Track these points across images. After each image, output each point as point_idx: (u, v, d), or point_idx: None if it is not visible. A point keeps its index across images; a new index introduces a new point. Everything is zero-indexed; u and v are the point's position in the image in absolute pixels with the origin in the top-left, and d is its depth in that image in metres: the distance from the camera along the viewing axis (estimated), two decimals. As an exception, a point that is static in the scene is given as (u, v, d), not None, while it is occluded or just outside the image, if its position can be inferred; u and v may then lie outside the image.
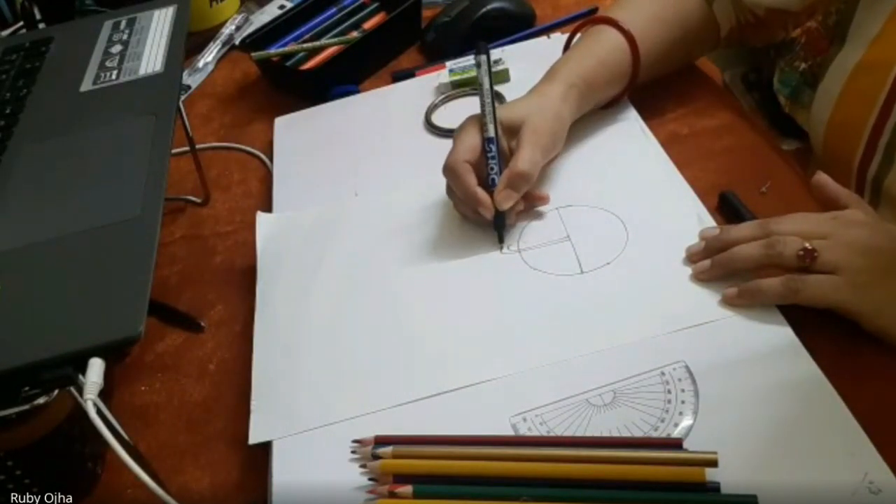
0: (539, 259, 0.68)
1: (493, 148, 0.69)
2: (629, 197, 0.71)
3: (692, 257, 0.64)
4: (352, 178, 0.82)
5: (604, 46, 0.76)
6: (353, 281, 0.70)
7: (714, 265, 0.62)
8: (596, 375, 0.58)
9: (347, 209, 0.78)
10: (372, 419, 0.59)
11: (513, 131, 0.70)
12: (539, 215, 0.72)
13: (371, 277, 0.70)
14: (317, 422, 0.60)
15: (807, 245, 0.57)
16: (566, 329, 0.62)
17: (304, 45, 0.98)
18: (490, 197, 0.68)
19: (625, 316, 0.62)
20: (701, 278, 0.62)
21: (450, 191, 0.72)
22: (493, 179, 0.69)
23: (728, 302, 0.60)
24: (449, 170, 0.69)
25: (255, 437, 0.60)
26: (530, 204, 0.72)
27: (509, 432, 0.56)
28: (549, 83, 0.74)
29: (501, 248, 0.70)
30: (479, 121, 0.70)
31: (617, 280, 0.65)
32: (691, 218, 0.67)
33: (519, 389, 0.59)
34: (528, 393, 0.58)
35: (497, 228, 0.70)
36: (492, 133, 0.69)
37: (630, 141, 0.77)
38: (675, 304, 0.62)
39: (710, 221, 0.67)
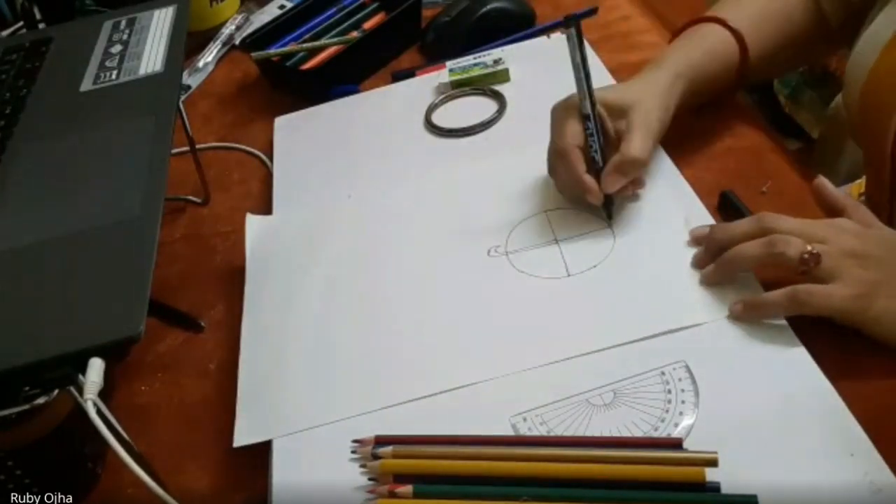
0: (526, 262, 0.68)
1: (591, 126, 0.67)
2: (621, 199, 0.70)
3: (699, 263, 0.63)
4: (351, 177, 0.81)
5: (711, 41, 0.74)
6: (341, 283, 0.70)
7: (717, 268, 0.61)
8: (596, 375, 0.58)
9: (337, 211, 0.78)
10: (370, 420, 0.59)
11: (621, 113, 0.68)
12: (528, 218, 0.71)
13: (359, 279, 0.70)
14: (304, 424, 0.60)
15: (810, 248, 0.56)
16: (551, 332, 0.62)
17: (304, 45, 0.98)
18: (596, 182, 0.66)
19: (608, 319, 0.62)
20: (709, 283, 0.61)
21: (553, 172, 0.70)
22: (593, 157, 0.67)
23: (735, 317, 0.59)
24: (559, 154, 0.68)
25: (239, 440, 0.59)
26: (632, 188, 0.69)
27: (509, 432, 0.56)
28: (656, 70, 0.71)
29: (611, 224, 0.68)
30: (577, 102, 0.67)
31: (602, 283, 0.64)
32: (678, 219, 0.67)
33: (519, 389, 0.58)
34: (528, 393, 0.58)
35: (606, 208, 0.68)
36: (588, 110, 0.66)
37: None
38: (663, 305, 0.61)
39: (699, 222, 0.66)
